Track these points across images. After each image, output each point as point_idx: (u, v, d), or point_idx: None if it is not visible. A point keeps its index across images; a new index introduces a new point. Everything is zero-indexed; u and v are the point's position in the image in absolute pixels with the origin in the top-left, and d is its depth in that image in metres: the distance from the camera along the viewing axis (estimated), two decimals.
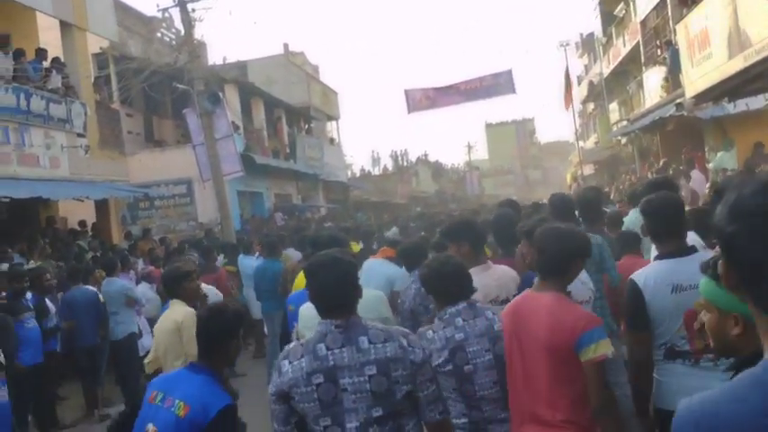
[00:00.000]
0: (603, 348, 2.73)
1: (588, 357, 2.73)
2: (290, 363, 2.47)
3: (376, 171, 43.95)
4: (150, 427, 2.80)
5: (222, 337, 2.96)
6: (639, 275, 3.07)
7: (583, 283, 3.49)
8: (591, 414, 2.77)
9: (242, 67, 26.29)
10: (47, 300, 7.73)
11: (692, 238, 3.79)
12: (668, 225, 3.07)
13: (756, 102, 13.47)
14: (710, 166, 14.06)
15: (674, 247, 3.03)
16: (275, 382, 2.50)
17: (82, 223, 14.33)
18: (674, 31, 15.63)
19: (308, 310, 3.77)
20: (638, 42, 21.86)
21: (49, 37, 14.52)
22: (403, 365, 2.45)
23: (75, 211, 14.91)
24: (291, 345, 2.60)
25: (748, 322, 1.72)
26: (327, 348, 2.45)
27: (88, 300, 7.90)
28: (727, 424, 1.12)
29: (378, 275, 5.65)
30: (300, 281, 4.65)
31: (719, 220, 1.22)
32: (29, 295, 7.32)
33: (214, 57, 28.95)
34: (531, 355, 2.84)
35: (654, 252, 3.51)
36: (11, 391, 4.88)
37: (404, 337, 2.53)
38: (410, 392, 2.47)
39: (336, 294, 2.50)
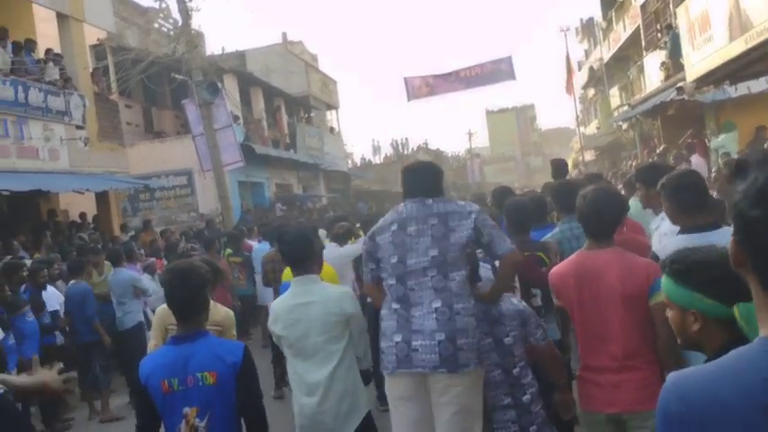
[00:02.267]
0: None
1: (660, 300, 2.90)
2: (382, 218, 3.50)
3: (377, 160, 43.82)
4: (188, 410, 2.73)
5: (203, 292, 2.83)
6: (662, 248, 3.25)
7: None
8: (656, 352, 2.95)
9: (240, 56, 26.14)
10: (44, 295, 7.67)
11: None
12: (693, 201, 3.21)
13: (758, 85, 13.35)
14: (711, 145, 13.99)
15: (698, 222, 3.14)
16: (368, 233, 3.53)
17: (82, 215, 14.33)
18: (675, 14, 15.53)
19: (279, 305, 3.62)
20: (638, 26, 21.71)
21: (46, 29, 14.45)
22: (459, 216, 3.22)
23: (76, 204, 14.91)
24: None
25: (708, 319, 1.80)
26: (405, 207, 3.36)
27: (78, 296, 7.66)
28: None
29: None
30: (288, 272, 4.45)
31: (742, 200, 1.14)
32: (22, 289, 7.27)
33: (212, 46, 28.89)
34: (606, 305, 3.04)
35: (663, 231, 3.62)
36: None
37: (461, 200, 3.51)
38: (462, 242, 3.18)
39: (422, 182, 3.43)
